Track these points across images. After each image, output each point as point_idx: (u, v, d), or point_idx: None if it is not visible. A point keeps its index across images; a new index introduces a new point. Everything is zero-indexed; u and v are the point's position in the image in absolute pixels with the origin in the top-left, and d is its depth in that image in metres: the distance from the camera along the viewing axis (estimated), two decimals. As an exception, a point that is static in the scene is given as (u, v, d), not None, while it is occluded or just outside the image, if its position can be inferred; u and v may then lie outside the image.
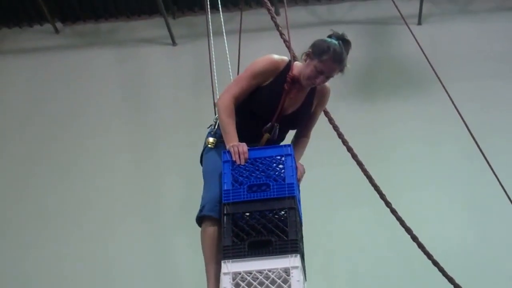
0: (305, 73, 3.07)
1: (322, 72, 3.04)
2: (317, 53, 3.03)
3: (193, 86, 7.71)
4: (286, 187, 2.80)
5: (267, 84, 3.12)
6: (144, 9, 8.41)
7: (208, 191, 3.05)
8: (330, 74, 3.08)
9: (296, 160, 3.12)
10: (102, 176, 7.43)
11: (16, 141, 7.77)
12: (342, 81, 7.39)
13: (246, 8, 7.87)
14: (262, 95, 3.11)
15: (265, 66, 3.11)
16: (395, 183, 6.35)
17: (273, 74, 3.11)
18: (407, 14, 7.48)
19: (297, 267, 2.66)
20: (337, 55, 3.01)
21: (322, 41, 3.08)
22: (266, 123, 3.12)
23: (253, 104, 3.13)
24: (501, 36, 7.81)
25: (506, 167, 6.10)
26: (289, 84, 3.08)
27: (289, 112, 3.16)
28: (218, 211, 2.94)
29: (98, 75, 8.08)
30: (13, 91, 8.10)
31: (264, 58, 3.15)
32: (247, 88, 3.10)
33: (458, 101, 5.37)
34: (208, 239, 2.98)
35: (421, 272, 5.58)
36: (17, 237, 7.20)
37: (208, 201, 3.00)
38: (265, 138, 3.13)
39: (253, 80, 3.10)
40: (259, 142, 3.13)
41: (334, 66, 3.04)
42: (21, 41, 8.45)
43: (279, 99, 3.08)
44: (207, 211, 2.98)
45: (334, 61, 3.02)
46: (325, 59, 3.01)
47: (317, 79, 3.07)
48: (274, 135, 3.13)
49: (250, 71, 3.12)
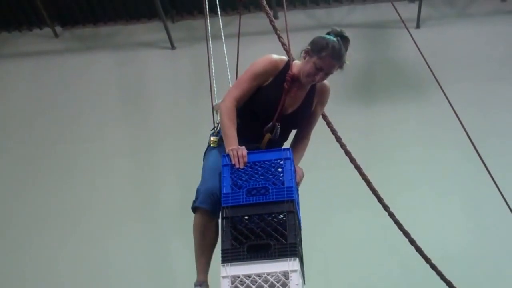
0: (305, 70, 3.08)
1: (321, 69, 3.06)
2: (316, 50, 3.05)
3: (192, 90, 7.72)
4: (285, 191, 2.81)
5: (267, 84, 3.13)
6: (143, 13, 8.43)
7: (203, 184, 3.09)
8: (329, 71, 3.09)
9: (296, 163, 3.13)
10: (100, 179, 7.44)
11: (15, 144, 7.78)
12: (341, 84, 7.46)
13: (244, 12, 7.89)
14: (262, 95, 3.12)
15: (265, 66, 3.12)
16: (393, 186, 6.36)
17: (273, 74, 3.13)
18: (405, 18, 7.49)
19: (296, 271, 2.66)
20: (336, 51, 3.02)
21: (321, 38, 3.09)
22: (267, 123, 3.13)
23: (254, 105, 3.14)
24: (499, 40, 7.83)
25: (504, 170, 6.12)
26: (289, 83, 3.09)
27: (290, 111, 3.17)
28: (210, 203, 2.98)
29: (97, 79, 8.10)
30: (12, 95, 8.11)
31: (264, 58, 3.16)
32: (248, 90, 3.11)
33: (457, 104, 5.38)
34: (197, 231, 3.05)
35: (419, 275, 5.58)
36: (16, 239, 7.21)
37: (202, 193, 3.04)
38: (266, 138, 3.13)
39: (254, 81, 3.11)
40: (260, 142, 3.14)
41: (333, 62, 3.05)
42: (21, 45, 8.47)
43: (279, 98, 3.09)
44: (199, 203, 3.02)
45: (333, 57, 3.03)
46: (324, 55, 3.02)
47: (316, 76, 3.08)
48: (275, 135, 3.13)
49: (250, 73, 3.13)
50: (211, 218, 3.02)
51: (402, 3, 8.05)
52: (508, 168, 6.74)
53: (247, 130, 3.10)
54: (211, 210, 2.99)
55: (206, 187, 3.04)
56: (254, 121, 3.13)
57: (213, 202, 2.98)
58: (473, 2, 8.15)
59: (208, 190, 3.01)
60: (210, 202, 2.99)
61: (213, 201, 2.98)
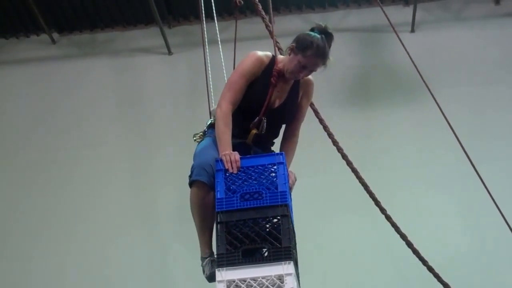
0: (289, 67, 3.15)
1: (305, 67, 3.13)
2: (301, 48, 3.11)
3: (189, 95, 7.74)
4: (279, 195, 2.82)
5: (255, 80, 3.18)
6: (140, 18, 8.46)
7: (196, 160, 3.13)
8: (313, 68, 3.16)
9: (287, 164, 3.16)
10: (99, 185, 7.46)
11: (13, 151, 7.80)
12: (337, 88, 7.47)
13: (241, 17, 7.88)
14: (250, 92, 3.18)
15: (252, 64, 3.18)
16: (390, 189, 6.38)
17: (261, 70, 3.19)
18: (400, 22, 7.54)
19: (290, 274, 2.68)
20: (320, 50, 3.09)
21: (306, 35, 3.15)
22: (253, 118, 3.18)
23: (242, 101, 3.18)
24: (494, 43, 7.86)
25: (497, 172, 6.13)
26: (275, 78, 3.15)
27: (276, 105, 3.22)
28: (205, 175, 3.00)
29: (95, 85, 8.12)
30: (10, 101, 8.13)
31: (250, 57, 3.22)
32: (240, 90, 3.16)
33: (451, 107, 5.41)
34: (195, 205, 3.06)
35: (416, 277, 5.61)
36: (18, 246, 7.23)
37: (196, 167, 3.07)
38: (252, 134, 3.20)
39: (244, 81, 3.17)
40: (246, 138, 3.19)
41: (318, 60, 3.12)
42: (18, 52, 8.49)
43: (266, 93, 3.16)
44: (195, 176, 3.05)
45: (317, 56, 3.10)
46: (308, 55, 3.09)
47: (301, 74, 3.16)
48: (262, 130, 3.19)
49: (240, 73, 3.18)
50: (208, 191, 3.02)
51: (397, 7, 8.10)
52: (502, 170, 6.77)
53: (233, 126, 3.12)
54: (208, 182, 3.00)
55: (199, 161, 3.08)
56: (241, 116, 3.17)
57: (208, 174, 3.01)
58: (467, 5, 8.19)
59: (202, 164, 3.05)
60: (205, 174, 3.01)
61: (208, 173, 3.01)
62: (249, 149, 3.24)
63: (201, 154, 3.14)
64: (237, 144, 3.11)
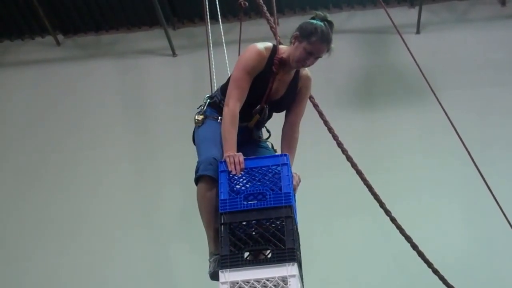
0: (295, 55, 3.17)
1: (311, 53, 3.15)
2: (305, 35, 3.13)
3: (193, 97, 7.69)
4: (283, 196, 2.82)
5: (258, 73, 3.19)
6: (144, 20, 8.47)
7: (201, 156, 3.14)
8: (319, 55, 3.18)
9: (290, 162, 3.14)
10: (102, 186, 7.47)
11: (17, 152, 7.81)
12: (342, 90, 7.44)
13: (245, 19, 7.91)
14: (253, 83, 3.19)
15: (255, 59, 3.19)
16: (395, 191, 6.36)
17: (262, 64, 3.20)
18: (405, 23, 7.52)
19: (294, 276, 2.67)
20: (324, 35, 3.12)
21: (309, 23, 3.18)
22: (256, 105, 3.23)
23: None
24: (499, 44, 7.83)
25: (504, 176, 6.10)
26: (277, 66, 3.17)
27: (277, 97, 3.27)
28: (212, 170, 3.01)
29: (99, 87, 8.13)
30: (15, 103, 8.15)
31: (251, 51, 3.21)
32: (246, 86, 3.18)
33: (456, 109, 5.39)
34: (203, 199, 3.06)
35: (421, 280, 5.56)
36: (17, 247, 7.22)
37: (202, 162, 3.08)
38: (255, 119, 3.28)
39: (249, 77, 3.18)
40: (249, 121, 3.28)
41: (323, 46, 3.15)
42: (23, 53, 8.51)
43: (268, 82, 3.19)
44: (201, 171, 3.05)
45: (322, 41, 3.13)
46: (313, 40, 3.11)
47: (307, 61, 3.18)
48: (264, 116, 3.29)
49: (243, 69, 3.19)
50: (215, 184, 3.02)
51: (402, 8, 8.07)
52: (507, 173, 6.73)
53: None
54: (215, 176, 3.00)
55: (205, 156, 3.10)
56: (245, 104, 3.19)
57: (214, 168, 3.01)
58: (473, 7, 8.16)
59: (208, 159, 3.06)
60: (212, 169, 3.02)
61: (214, 167, 3.02)
62: (251, 131, 3.35)
63: (205, 148, 3.15)
64: (241, 128, 3.15)
